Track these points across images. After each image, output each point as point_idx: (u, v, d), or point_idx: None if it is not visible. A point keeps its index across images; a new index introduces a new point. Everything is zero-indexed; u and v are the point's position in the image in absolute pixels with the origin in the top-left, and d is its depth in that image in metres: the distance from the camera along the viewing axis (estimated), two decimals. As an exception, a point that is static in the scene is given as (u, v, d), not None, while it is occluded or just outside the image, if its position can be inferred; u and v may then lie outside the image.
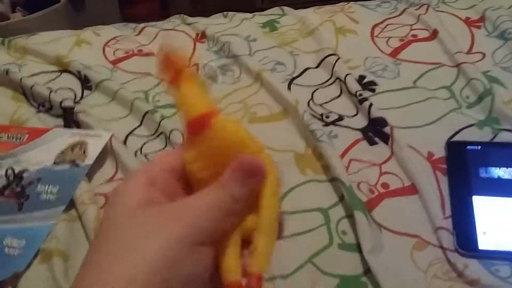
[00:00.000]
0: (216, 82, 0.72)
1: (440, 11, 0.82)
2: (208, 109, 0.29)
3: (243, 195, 0.27)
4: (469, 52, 0.74)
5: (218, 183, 0.28)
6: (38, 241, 0.52)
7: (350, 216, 0.53)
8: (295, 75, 0.73)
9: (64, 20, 1.80)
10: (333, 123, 0.65)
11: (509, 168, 0.56)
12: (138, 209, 0.26)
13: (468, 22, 0.79)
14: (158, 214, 0.26)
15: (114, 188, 0.29)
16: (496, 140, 0.61)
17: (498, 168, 0.56)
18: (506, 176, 0.56)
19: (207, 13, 0.90)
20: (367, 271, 0.48)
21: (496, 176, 0.56)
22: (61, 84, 0.73)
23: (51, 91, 0.69)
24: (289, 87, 0.70)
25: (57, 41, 0.81)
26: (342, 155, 0.60)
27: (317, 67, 0.74)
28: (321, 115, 0.66)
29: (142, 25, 0.86)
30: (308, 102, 0.68)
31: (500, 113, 0.63)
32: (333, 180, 0.57)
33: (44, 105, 0.69)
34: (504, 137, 0.61)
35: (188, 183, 0.30)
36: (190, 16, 0.87)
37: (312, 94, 0.69)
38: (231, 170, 0.28)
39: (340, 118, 0.65)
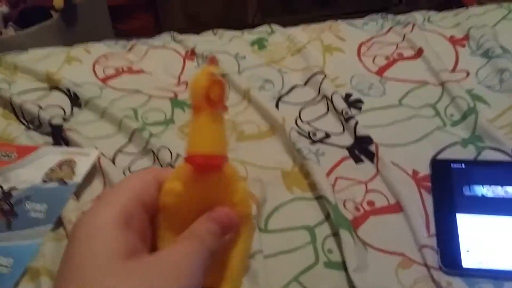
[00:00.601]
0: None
1: (426, 30, 0.83)
2: (224, 152, 0.28)
3: (217, 248, 0.28)
4: (453, 70, 0.75)
5: (195, 235, 0.27)
6: (26, 260, 0.52)
7: (336, 234, 0.54)
8: (283, 92, 0.74)
9: (56, 35, 1.80)
10: (320, 141, 0.66)
11: (492, 186, 0.57)
12: (118, 263, 0.24)
13: (452, 40, 0.81)
14: (141, 272, 0.24)
15: (81, 215, 0.26)
16: (480, 158, 0.62)
17: (481, 186, 0.57)
18: (490, 194, 0.56)
19: (200, 28, 0.91)
20: (353, 289, 0.49)
21: (479, 194, 0.57)
22: (51, 101, 0.73)
23: (40, 109, 0.70)
24: (277, 105, 0.71)
25: (48, 58, 0.82)
26: (329, 173, 0.61)
27: (304, 84, 0.75)
28: (308, 132, 0.67)
29: (133, 42, 0.87)
30: (296, 120, 0.69)
31: (484, 131, 0.64)
32: (320, 198, 0.57)
33: (33, 122, 0.70)
34: (487, 155, 0.62)
35: (150, 213, 0.29)
36: (184, 30, 0.88)
37: (300, 112, 0.70)
38: (208, 221, 0.28)
39: (327, 135, 0.66)
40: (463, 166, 0.60)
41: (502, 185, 0.57)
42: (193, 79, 0.28)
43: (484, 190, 0.57)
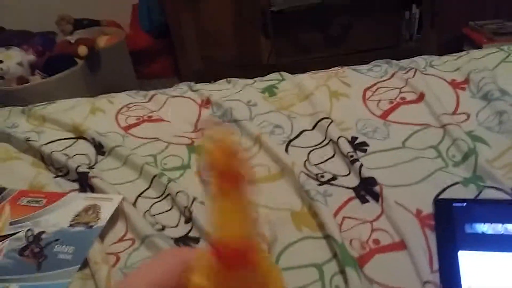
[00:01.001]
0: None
1: (428, 74, 0.88)
2: (253, 243, 0.25)
3: None
4: (454, 113, 0.79)
5: None
6: (54, 299, 0.56)
7: (343, 272, 0.57)
8: (292, 137, 0.78)
9: (81, 81, 1.89)
10: (328, 182, 0.70)
11: (492, 224, 0.60)
12: None
13: (453, 84, 0.85)
14: None
15: None
16: (480, 197, 0.65)
17: (482, 223, 0.60)
18: (490, 231, 0.59)
19: (217, 68, 0.97)
20: (359, 325, 0.51)
21: (480, 232, 0.59)
22: (77, 150, 0.79)
23: (68, 157, 0.75)
24: (286, 149, 0.76)
25: (73, 109, 0.89)
26: (336, 213, 0.64)
27: (312, 129, 0.80)
28: (316, 175, 0.71)
29: (152, 92, 0.93)
30: (305, 163, 0.73)
31: (484, 171, 0.67)
32: (328, 237, 0.61)
33: (61, 170, 0.75)
34: (488, 194, 0.65)
35: None
36: (201, 72, 0.94)
37: (308, 155, 0.75)
38: None
39: (334, 177, 0.70)
40: (465, 205, 0.63)
41: (502, 223, 0.59)
42: (208, 154, 0.25)
43: (485, 228, 0.59)
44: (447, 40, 2.14)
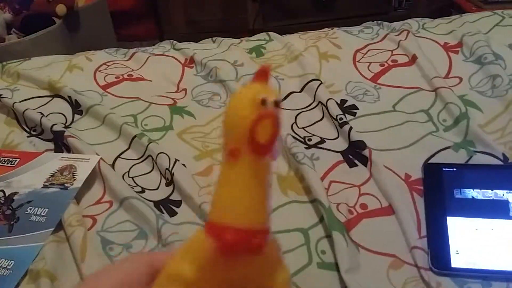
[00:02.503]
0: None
1: (420, 37, 0.85)
2: (266, 224, 0.20)
3: None
4: (446, 76, 0.77)
5: None
6: (26, 262, 0.54)
7: (329, 236, 0.55)
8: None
9: (59, 41, 1.82)
10: (315, 145, 0.67)
11: (482, 190, 0.58)
12: None
13: (446, 47, 0.83)
14: None
15: None
16: (471, 162, 0.63)
17: (472, 189, 0.58)
18: (480, 197, 0.58)
19: (201, 34, 0.93)
20: (345, 289, 0.50)
21: (470, 197, 0.58)
22: (53, 108, 0.75)
23: (42, 116, 0.72)
24: (273, 111, 0.73)
25: (50, 66, 0.84)
26: (323, 177, 0.62)
27: (300, 91, 0.77)
28: (304, 138, 0.68)
29: (133, 50, 0.89)
30: (292, 125, 0.71)
31: (475, 136, 0.65)
32: (314, 201, 0.59)
33: (35, 129, 0.72)
34: (478, 159, 0.63)
35: None
36: (185, 35, 0.90)
37: (296, 118, 0.72)
38: None
39: (322, 141, 0.68)
40: (455, 170, 0.61)
41: (492, 189, 0.58)
42: (232, 105, 0.19)
43: (475, 193, 0.58)
44: (436, 8, 2.11)
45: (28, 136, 0.71)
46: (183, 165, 0.63)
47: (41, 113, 0.73)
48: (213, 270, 0.20)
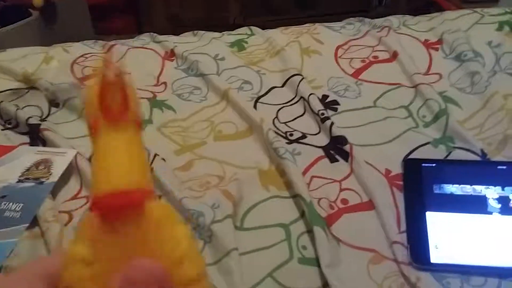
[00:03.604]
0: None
1: (401, 33, 0.85)
2: (143, 183, 0.20)
3: None
4: (426, 73, 0.77)
5: None
6: (0, 258, 0.52)
7: (310, 231, 0.55)
8: (261, 93, 0.75)
9: (36, 34, 1.79)
10: (297, 140, 0.67)
11: (461, 185, 0.59)
12: None
13: (426, 44, 0.83)
14: None
15: None
16: (450, 157, 0.64)
17: (451, 184, 0.59)
18: (458, 192, 0.58)
19: (182, 29, 0.92)
20: (325, 284, 0.50)
21: (449, 192, 0.58)
22: (28, 101, 0.73)
23: (17, 108, 0.69)
24: (255, 106, 0.72)
25: (25, 58, 0.82)
26: (304, 172, 0.62)
27: (282, 86, 0.76)
28: (285, 133, 0.68)
29: (112, 42, 0.87)
30: (273, 120, 0.70)
31: (455, 132, 0.66)
32: (295, 196, 0.59)
33: (10, 122, 0.69)
34: (457, 155, 0.64)
35: None
36: (165, 31, 0.89)
37: (277, 113, 0.72)
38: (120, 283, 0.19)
39: (303, 136, 0.68)
40: (434, 165, 0.62)
41: (470, 184, 0.59)
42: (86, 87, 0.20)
43: (453, 188, 0.59)
44: (416, 7, 2.13)
45: (2, 130, 0.69)
46: (163, 159, 0.62)
47: (17, 106, 0.70)
48: (105, 242, 0.19)
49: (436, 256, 0.52)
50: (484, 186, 0.58)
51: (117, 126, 0.20)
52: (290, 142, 0.67)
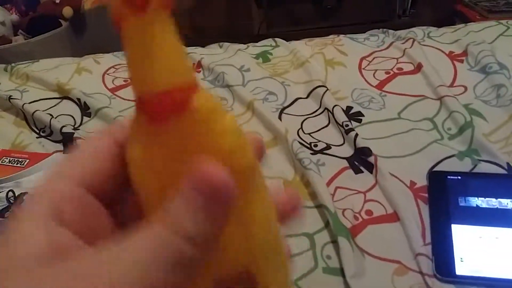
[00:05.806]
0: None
1: (425, 45, 0.86)
2: (187, 78, 0.18)
3: (204, 233, 0.18)
4: (451, 85, 0.78)
5: (162, 215, 0.18)
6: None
7: (334, 242, 0.56)
8: (285, 104, 0.76)
9: (66, 43, 1.83)
10: (321, 151, 0.68)
11: (487, 198, 0.59)
12: (35, 267, 0.17)
13: (451, 56, 0.84)
14: (67, 276, 0.17)
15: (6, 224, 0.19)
16: (475, 170, 0.64)
17: (476, 197, 0.59)
18: (484, 205, 0.58)
19: (207, 39, 0.94)
20: (350, 294, 0.51)
21: (474, 205, 0.58)
22: (62, 110, 0.76)
23: (52, 117, 0.72)
24: (279, 117, 0.74)
25: (58, 69, 0.85)
26: (329, 183, 0.63)
27: (307, 97, 0.77)
28: (310, 143, 0.69)
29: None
30: (298, 131, 0.71)
31: (480, 145, 0.66)
32: (320, 207, 0.59)
33: (44, 130, 0.72)
34: (483, 168, 0.64)
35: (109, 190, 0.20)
36: (190, 41, 0.91)
37: (302, 124, 0.73)
38: (182, 192, 0.18)
39: (328, 147, 0.68)
40: (459, 178, 0.62)
41: (496, 197, 0.59)
42: None
43: (479, 202, 0.59)
44: (440, 17, 2.12)
45: (37, 137, 0.72)
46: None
47: (51, 115, 0.73)
48: (154, 146, 0.18)
49: (461, 268, 0.52)
50: (510, 200, 0.58)
51: (143, 16, 0.17)
52: (315, 152, 0.68)
